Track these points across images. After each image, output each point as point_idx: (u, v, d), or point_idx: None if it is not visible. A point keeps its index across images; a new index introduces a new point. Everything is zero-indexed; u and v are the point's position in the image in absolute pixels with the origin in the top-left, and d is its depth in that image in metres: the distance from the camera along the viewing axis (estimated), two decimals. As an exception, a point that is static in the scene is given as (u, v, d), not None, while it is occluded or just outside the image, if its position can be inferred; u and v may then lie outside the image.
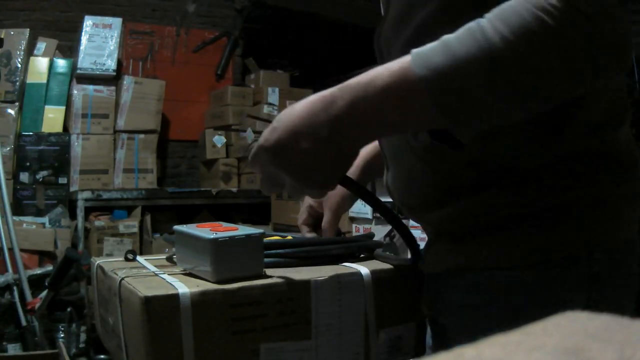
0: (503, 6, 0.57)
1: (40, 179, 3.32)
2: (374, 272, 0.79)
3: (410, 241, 0.80)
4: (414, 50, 0.60)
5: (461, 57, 0.57)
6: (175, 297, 0.66)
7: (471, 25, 0.58)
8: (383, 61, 0.75)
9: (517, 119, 0.62)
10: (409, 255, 0.83)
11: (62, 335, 2.64)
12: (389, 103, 0.61)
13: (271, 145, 0.65)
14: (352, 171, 0.89)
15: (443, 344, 0.81)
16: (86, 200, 3.34)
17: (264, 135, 0.67)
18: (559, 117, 0.66)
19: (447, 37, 0.59)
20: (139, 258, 0.87)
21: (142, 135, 3.68)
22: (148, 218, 3.53)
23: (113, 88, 3.59)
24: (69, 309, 2.64)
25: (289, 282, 0.73)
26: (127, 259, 0.86)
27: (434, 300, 0.80)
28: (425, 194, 0.76)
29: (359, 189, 0.76)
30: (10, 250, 2.73)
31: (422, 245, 0.83)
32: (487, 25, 0.57)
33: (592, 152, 0.68)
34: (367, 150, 0.95)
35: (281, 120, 0.66)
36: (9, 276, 2.69)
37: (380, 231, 2.37)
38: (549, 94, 0.59)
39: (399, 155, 0.79)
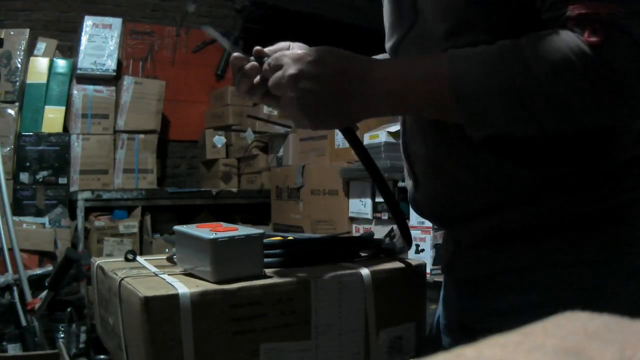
0: (545, 40, 0.62)
1: (40, 179, 3.32)
2: (374, 272, 0.79)
3: (402, 224, 0.81)
4: (452, 56, 0.66)
5: (497, 80, 0.63)
6: (175, 297, 0.66)
7: (512, 48, 0.63)
8: None
9: (530, 134, 0.68)
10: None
11: (62, 335, 2.64)
12: (419, 96, 0.69)
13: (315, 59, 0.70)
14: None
15: None
16: (86, 200, 3.34)
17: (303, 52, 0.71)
18: (614, 128, 0.70)
19: (487, 53, 0.64)
20: (139, 258, 0.87)
21: (142, 136, 3.68)
22: (148, 218, 3.53)
23: (113, 88, 3.59)
24: (69, 309, 2.63)
25: (289, 282, 0.73)
26: (127, 259, 0.86)
27: (477, 306, 0.79)
28: (476, 203, 0.76)
29: (355, 142, 0.81)
30: (10, 250, 2.73)
31: (421, 245, 0.82)
32: (531, 58, 0.62)
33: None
34: None
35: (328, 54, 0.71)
36: (9, 276, 2.69)
37: (380, 231, 2.37)
38: (564, 125, 0.65)
39: (440, 170, 0.78)
